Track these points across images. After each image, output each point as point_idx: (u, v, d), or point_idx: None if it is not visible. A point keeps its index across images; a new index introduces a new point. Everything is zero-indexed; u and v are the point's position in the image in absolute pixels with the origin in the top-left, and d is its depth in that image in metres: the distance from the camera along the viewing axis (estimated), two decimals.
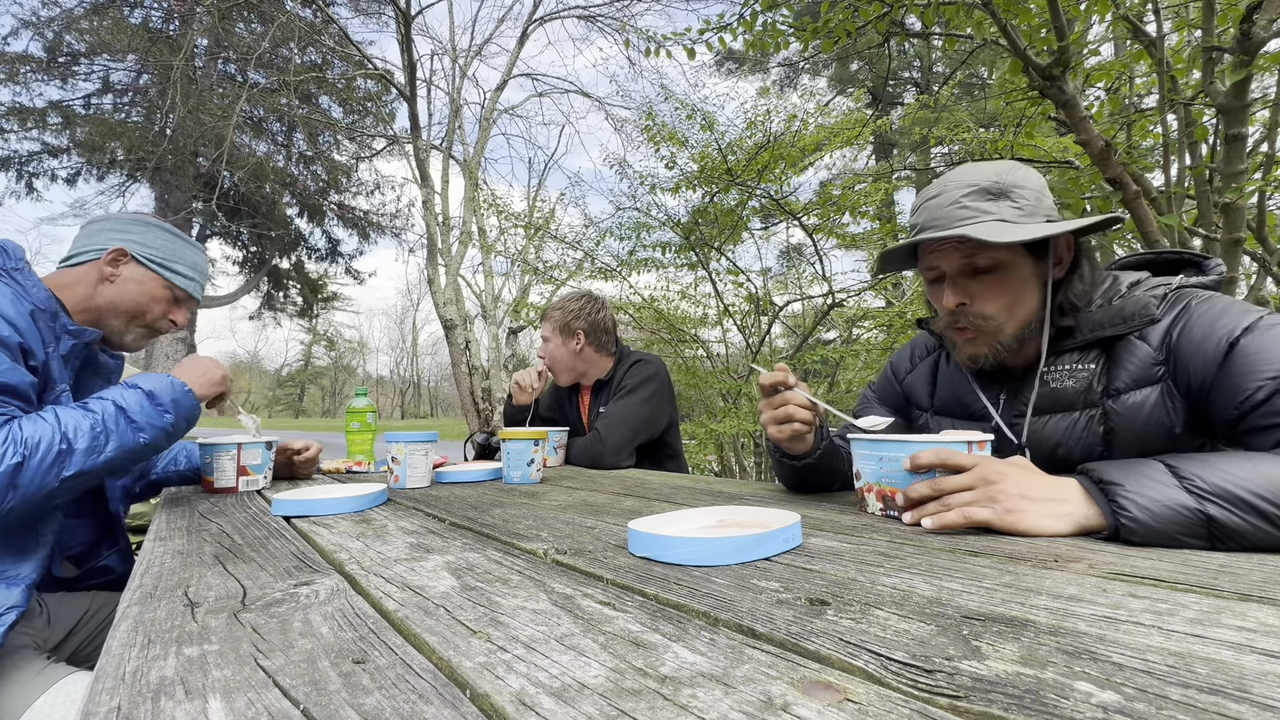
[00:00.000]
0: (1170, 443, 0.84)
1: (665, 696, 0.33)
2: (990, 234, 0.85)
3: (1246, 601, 0.46)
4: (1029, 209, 0.90)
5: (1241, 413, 0.75)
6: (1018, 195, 0.90)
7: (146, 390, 1.09)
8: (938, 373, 1.12)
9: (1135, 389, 0.86)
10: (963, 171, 0.94)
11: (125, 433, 1.03)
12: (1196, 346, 0.81)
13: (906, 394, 1.18)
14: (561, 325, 1.93)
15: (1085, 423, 0.90)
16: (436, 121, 9.28)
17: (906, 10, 2.48)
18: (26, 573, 0.97)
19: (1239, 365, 0.76)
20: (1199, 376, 0.80)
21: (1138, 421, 0.85)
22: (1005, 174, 0.91)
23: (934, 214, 0.94)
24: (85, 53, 10.70)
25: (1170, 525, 0.62)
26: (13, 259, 1.10)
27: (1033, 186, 0.91)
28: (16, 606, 0.93)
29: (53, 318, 1.10)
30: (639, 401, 1.81)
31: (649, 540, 0.65)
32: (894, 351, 1.58)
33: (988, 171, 0.92)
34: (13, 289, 1.05)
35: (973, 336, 0.95)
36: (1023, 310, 0.93)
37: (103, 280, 1.19)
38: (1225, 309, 0.81)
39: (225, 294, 13.20)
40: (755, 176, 4.22)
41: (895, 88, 14.38)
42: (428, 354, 49.60)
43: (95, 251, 1.19)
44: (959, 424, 1.06)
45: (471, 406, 7.82)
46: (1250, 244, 2.12)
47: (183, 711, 0.34)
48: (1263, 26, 1.76)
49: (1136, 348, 0.87)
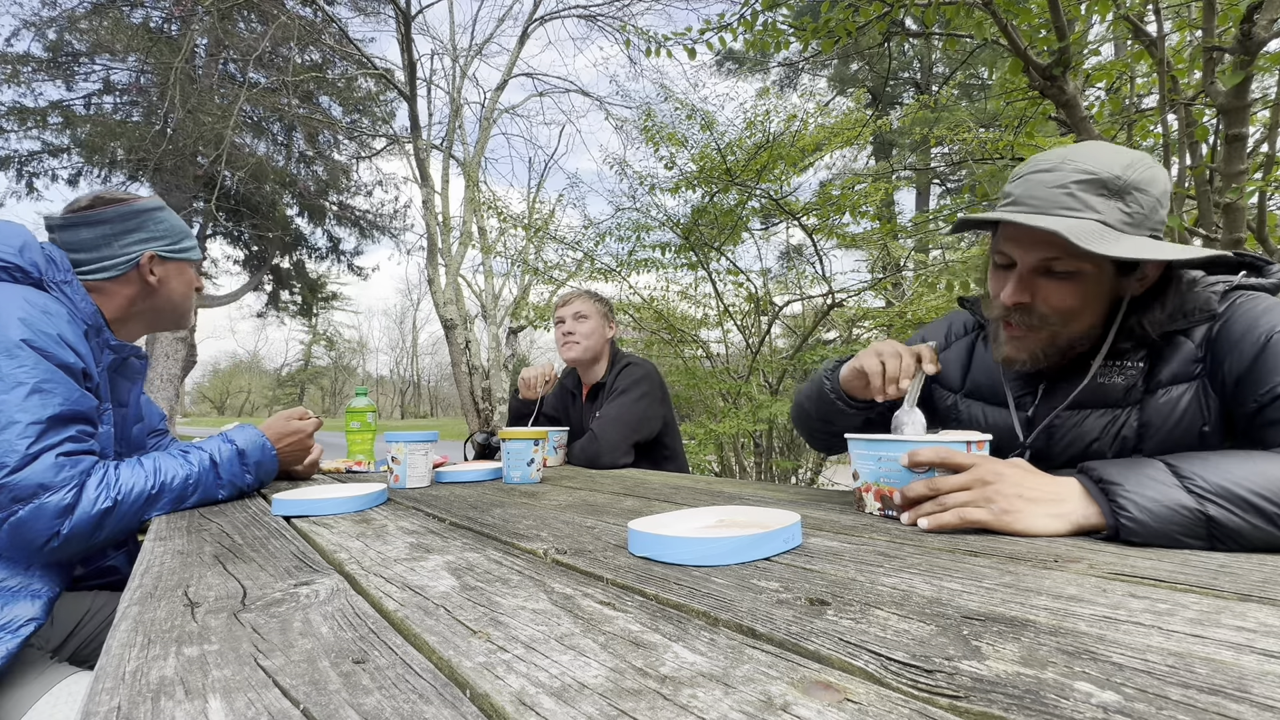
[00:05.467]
0: (1200, 441, 0.82)
1: (665, 696, 0.33)
2: (1085, 238, 0.75)
3: (1246, 601, 0.46)
4: (1139, 218, 0.80)
5: (1260, 405, 0.75)
6: (1134, 199, 0.79)
7: (240, 448, 1.15)
8: (973, 355, 1.08)
9: (1173, 385, 0.84)
10: (1088, 151, 0.82)
11: (210, 486, 1.09)
12: (1235, 343, 0.79)
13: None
14: (604, 311, 2.03)
15: (1124, 420, 0.87)
16: (436, 121, 9.29)
17: (906, 10, 2.48)
18: (51, 587, 0.97)
19: (1270, 360, 0.75)
20: (1234, 373, 0.79)
21: (1171, 418, 0.84)
22: (1133, 169, 0.80)
23: (1034, 190, 0.83)
24: (86, 52, 10.70)
25: (1170, 525, 0.62)
26: (61, 270, 1.09)
27: (1155, 192, 0.80)
28: (36, 619, 0.93)
29: (98, 332, 1.12)
30: (631, 400, 1.83)
31: (649, 540, 0.65)
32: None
33: (1116, 160, 0.80)
34: (68, 308, 1.05)
35: (1020, 336, 0.89)
36: (1083, 322, 0.87)
37: (147, 288, 1.21)
38: (1269, 308, 0.80)
39: (226, 294, 13.20)
40: (755, 176, 4.22)
41: (895, 88, 14.37)
42: (428, 354, 49.65)
43: (124, 263, 1.18)
44: (990, 411, 1.03)
45: (471, 406, 7.82)
46: (1250, 244, 2.12)
47: (183, 711, 0.34)
48: (1263, 27, 1.76)
49: (1182, 344, 0.85)
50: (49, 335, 0.98)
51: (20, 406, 0.90)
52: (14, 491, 0.87)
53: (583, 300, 2.02)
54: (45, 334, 0.97)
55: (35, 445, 0.90)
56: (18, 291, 1.00)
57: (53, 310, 1.01)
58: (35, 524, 0.88)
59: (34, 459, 0.89)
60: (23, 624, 0.91)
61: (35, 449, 0.89)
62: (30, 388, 0.92)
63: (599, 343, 2.01)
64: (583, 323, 1.99)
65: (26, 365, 0.93)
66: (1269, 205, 2.31)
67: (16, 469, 0.87)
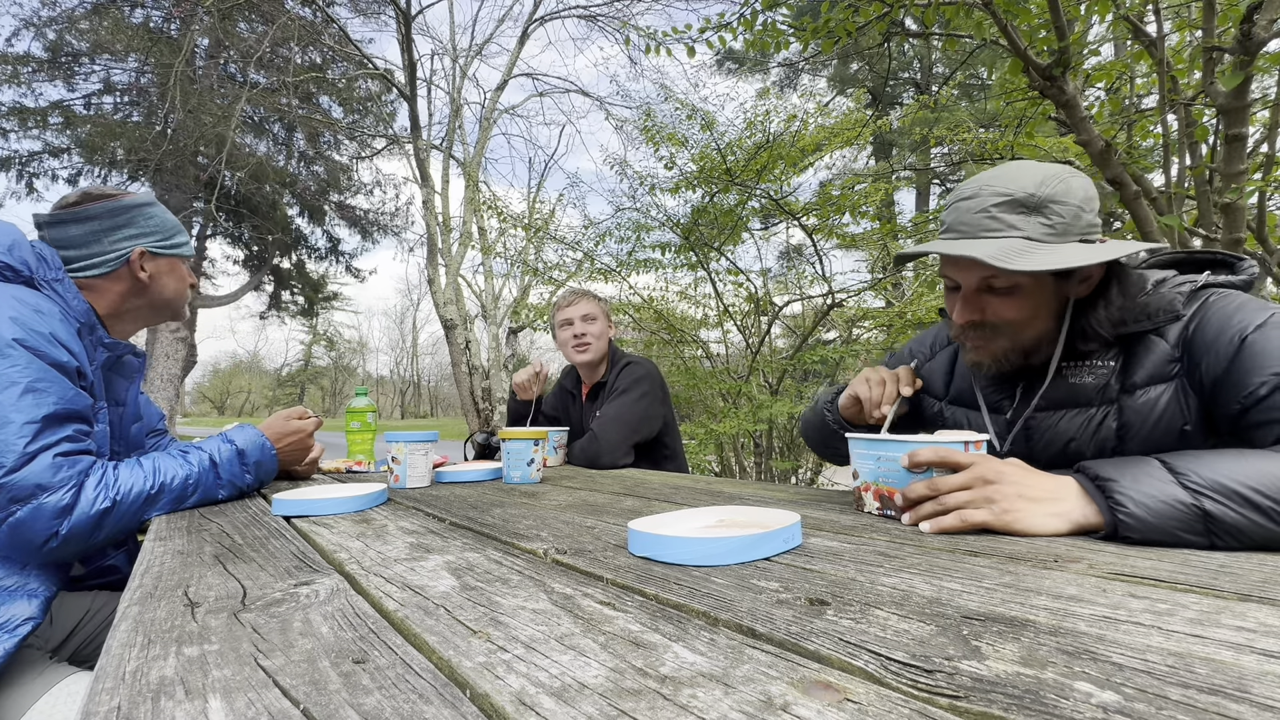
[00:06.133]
0: (1182, 440, 0.83)
1: (665, 696, 0.33)
2: (1004, 258, 0.80)
3: (1246, 601, 0.46)
4: (1061, 228, 0.83)
5: (1244, 407, 0.75)
6: (1052, 211, 0.83)
7: (239, 448, 1.15)
8: (956, 363, 1.12)
9: (1150, 385, 0.85)
10: (1003, 174, 0.87)
11: (210, 485, 1.09)
12: (1210, 342, 0.80)
13: (922, 382, 1.16)
14: (606, 310, 2.03)
15: (1100, 419, 0.89)
16: (436, 121, 9.30)
17: (906, 10, 2.48)
18: (48, 586, 0.97)
19: (1246, 361, 0.76)
20: (1211, 373, 0.79)
21: (1150, 418, 0.85)
22: (1046, 185, 0.84)
23: (961, 218, 0.88)
24: (86, 53, 10.70)
25: (1167, 520, 0.63)
26: (52, 268, 1.08)
27: (1073, 201, 0.84)
28: (33, 619, 0.93)
29: (91, 330, 1.11)
30: (632, 400, 1.83)
31: (649, 540, 0.65)
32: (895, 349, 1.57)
33: (1029, 179, 0.84)
34: (60, 307, 1.05)
35: (979, 345, 0.94)
36: (1034, 330, 0.91)
37: (138, 285, 1.20)
38: (1242, 306, 0.81)
39: (226, 294, 13.20)
40: (755, 177, 4.22)
41: (895, 88, 14.38)
42: (428, 354, 49.65)
43: (115, 259, 1.17)
44: (972, 415, 1.05)
45: (471, 406, 7.83)
46: (1250, 244, 2.12)
47: (183, 711, 0.34)
48: (1263, 27, 1.76)
49: (1155, 344, 0.86)
50: (41, 334, 0.97)
51: (14, 406, 0.90)
52: (12, 492, 0.87)
53: (588, 301, 2.00)
54: (38, 333, 0.97)
55: (32, 445, 0.89)
56: (9, 291, 0.99)
57: (45, 309, 1.01)
58: (34, 524, 0.88)
59: (31, 459, 0.89)
60: (19, 624, 0.91)
61: (33, 448, 0.89)
62: (24, 387, 0.92)
63: (603, 345, 2.00)
64: (592, 324, 1.97)
65: (19, 364, 0.92)
66: (1269, 205, 2.31)
67: (14, 469, 0.87)
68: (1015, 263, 0.80)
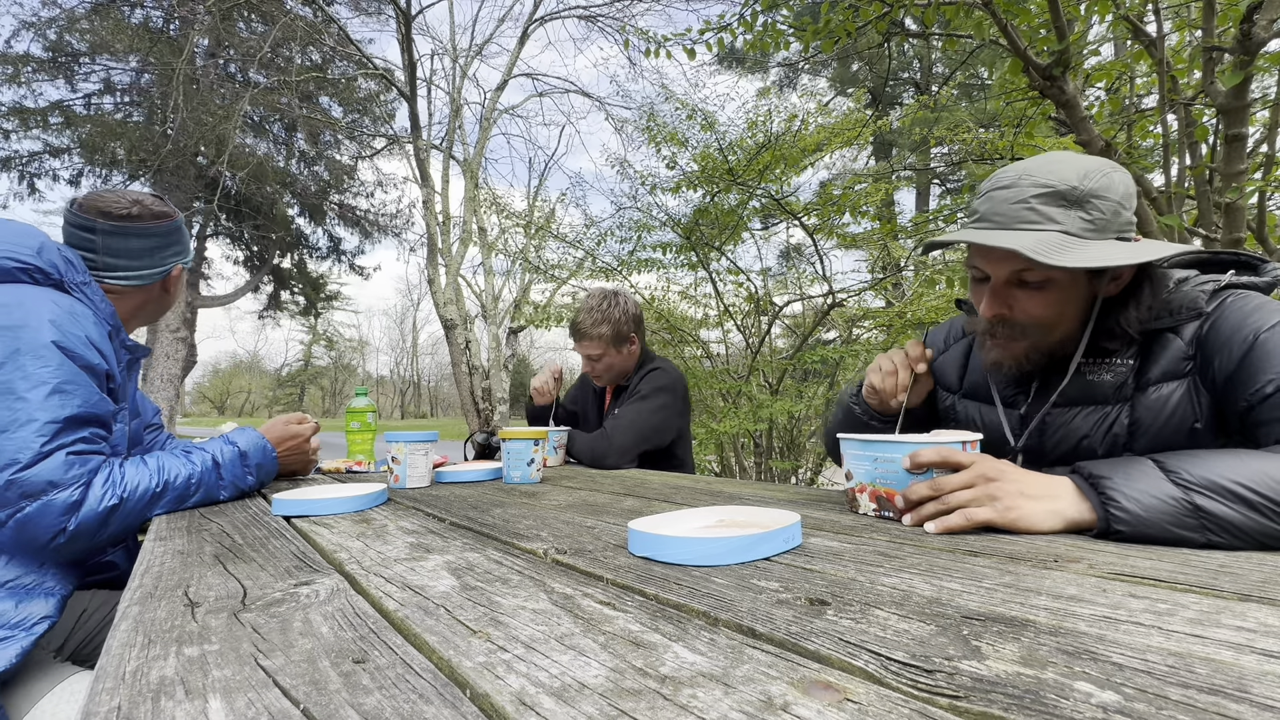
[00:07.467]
0: (1192, 438, 0.83)
1: (665, 696, 0.33)
2: (1046, 253, 0.77)
3: (1246, 601, 0.46)
4: (1101, 224, 0.81)
5: (1250, 405, 0.76)
6: (1094, 206, 0.81)
7: (242, 449, 1.16)
8: (970, 357, 1.11)
9: (1163, 382, 0.85)
10: (1044, 165, 0.83)
11: (213, 485, 1.10)
12: (1225, 340, 0.80)
13: (935, 375, 1.16)
14: (614, 336, 1.89)
15: (1115, 416, 0.88)
16: (437, 121, 9.30)
17: (906, 10, 2.48)
18: (64, 585, 0.98)
19: (1257, 360, 0.76)
20: (1223, 371, 0.79)
21: (1162, 415, 0.84)
22: (1089, 178, 0.81)
23: (996, 207, 0.85)
24: (86, 53, 10.71)
25: (1159, 515, 0.63)
26: (79, 271, 1.10)
27: (1114, 197, 0.82)
28: (50, 617, 0.94)
29: (117, 332, 1.14)
30: (650, 409, 1.79)
31: (649, 540, 0.65)
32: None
33: (1072, 171, 0.82)
34: (91, 310, 1.07)
35: (1002, 344, 0.92)
36: (1063, 328, 0.89)
37: (162, 295, 1.28)
38: (1260, 306, 0.80)
39: (226, 294, 13.20)
40: (756, 176, 4.22)
41: (895, 88, 14.37)
42: (428, 354, 49.66)
43: (159, 274, 1.24)
44: (985, 410, 1.05)
45: (471, 406, 7.82)
46: (1250, 244, 2.12)
47: (183, 711, 0.34)
48: (1263, 27, 1.76)
49: (1171, 342, 0.85)
50: (78, 337, 1.00)
51: (41, 406, 0.92)
52: (24, 488, 0.88)
53: (591, 343, 1.90)
54: (74, 335, 0.99)
55: (49, 444, 0.91)
56: (45, 294, 1.01)
57: (79, 312, 1.03)
58: (42, 520, 0.89)
59: (45, 457, 0.90)
60: (36, 621, 0.92)
61: (49, 447, 0.91)
62: (52, 388, 0.94)
63: (623, 362, 1.95)
64: (599, 361, 1.93)
65: (51, 365, 0.95)
66: (1269, 205, 2.31)
67: (28, 465, 0.89)
68: (1057, 258, 0.77)
